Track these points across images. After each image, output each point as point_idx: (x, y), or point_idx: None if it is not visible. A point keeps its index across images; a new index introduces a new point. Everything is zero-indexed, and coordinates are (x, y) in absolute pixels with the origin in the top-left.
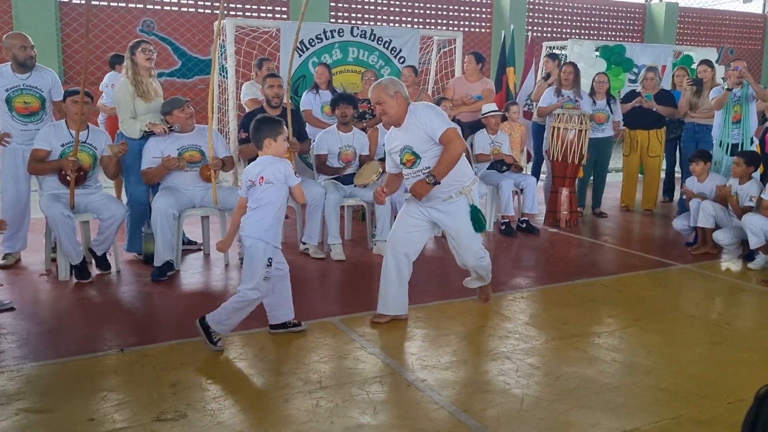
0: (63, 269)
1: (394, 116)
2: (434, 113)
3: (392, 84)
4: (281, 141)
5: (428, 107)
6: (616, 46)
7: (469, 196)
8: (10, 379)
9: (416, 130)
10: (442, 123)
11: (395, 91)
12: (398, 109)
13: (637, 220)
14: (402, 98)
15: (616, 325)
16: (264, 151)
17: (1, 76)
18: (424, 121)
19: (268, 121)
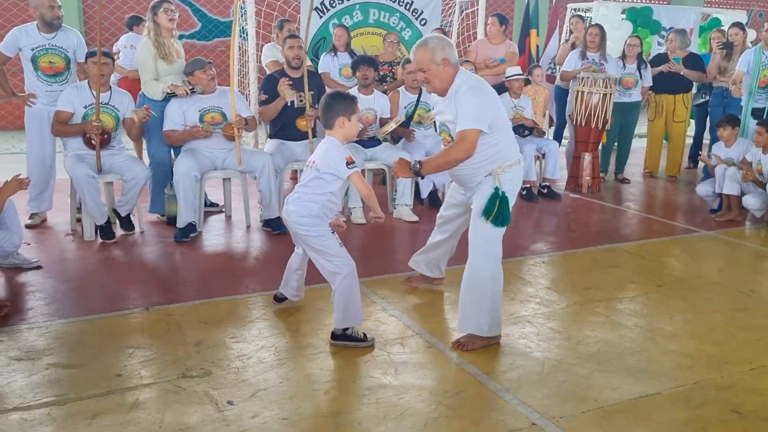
0: (88, 229)
1: (439, 87)
2: (472, 102)
3: (440, 47)
4: (355, 121)
5: (472, 92)
6: (643, 8)
7: (497, 179)
8: (40, 335)
9: (453, 107)
10: (470, 119)
11: (443, 58)
12: (444, 78)
13: (660, 186)
14: (450, 66)
15: (638, 290)
16: (333, 132)
17: (27, 35)
18: (459, 104)
19: (342, 97)
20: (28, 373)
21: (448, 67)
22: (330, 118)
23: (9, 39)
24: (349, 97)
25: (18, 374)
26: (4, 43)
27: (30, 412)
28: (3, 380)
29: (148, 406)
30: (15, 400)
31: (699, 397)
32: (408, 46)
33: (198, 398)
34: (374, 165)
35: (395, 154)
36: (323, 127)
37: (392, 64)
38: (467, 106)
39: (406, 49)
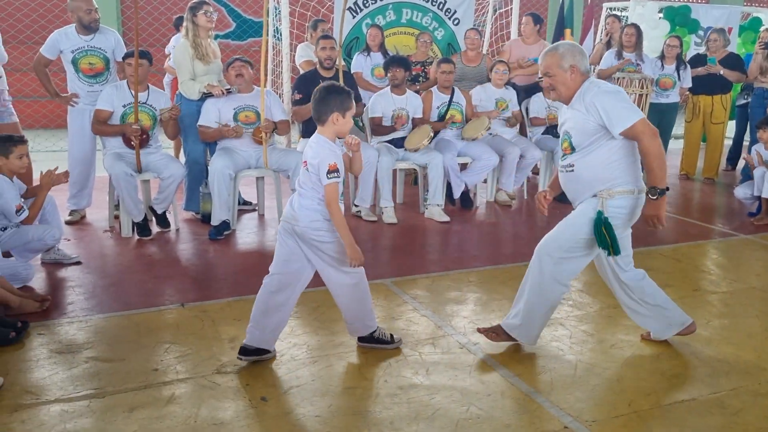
0: (125, 226)
1: (564, 94)
2: (616, 99)
3: (570, 54)
4: (349, 117)
5: (609, 93)
6: (681, 7)
7: (603, 203)
8: (80, 329)
9: (581, 115)
10: (629, 113)
11: (572, 64)
12: (570, 86)
13: (697, 188)
14: (579, 73)
15: (673, 294)
16: (325, 129)
17: (66, 38)
18: (599, 105)
19: (337, 90)
20: (69, 366)
21: (576, 75)
22: (323, 113)
23: (50, 42)
24: (345, 91)
25: (59, 367)
26: (46, 46)
27: (70, 404)
28: (45, 372)
29: (183, 400)
30: (57, 392)
31: (736, 404)
32: (441, 45)
33: (232, 394)
34: (406, 165)
35: (427, 154)
36: (314, 121)
37: (425, 64)
38: (614, 105)
39: (438, 48)
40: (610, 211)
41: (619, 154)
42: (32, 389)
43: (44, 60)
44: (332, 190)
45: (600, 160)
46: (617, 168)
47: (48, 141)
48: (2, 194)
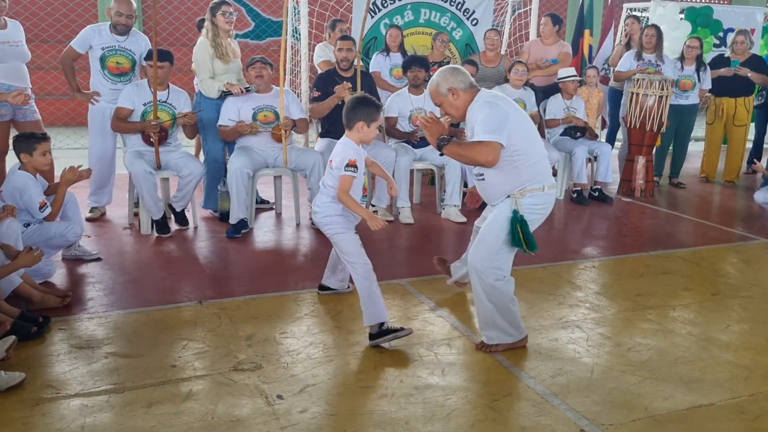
0: (145, 223)
1: (458, 115)
2: (489, 115)
3: (444, 80)
4: (374, 127)
5: (487, 106)
6: (702, 8)
7: (516, 202)
8: (99, 324)
9: (470, 127)
10: (489, 131)
11: (448, 87)
12: (459, 106)
13: (717, 191)
14: (461, 92)
15: (692, 298)
16: (351, 134)
17: (99, 34)
18: (475, 119)
19: (367, 102)
20: (89, 361)
21: (458, 94)
22: (351, 120)
23: (82, 36)
24: (374, 104)
25: (79, 362)
26: (77, 39)
27: (90, 398)
28: (66, 367)
29: (201, 397)
30: (77, 386)
31: (755, 410)
32: (459, 45)
33: (249, 391)
34: (423, 165)
35: None
36: (344, 126)
37: (441, 64)
38: (482, 120)
39: (456, 48)
40: (525, 208)
41: (520, 158)
42: (53, 383)
43: (73, 53)
44: (345, 181)
45: (504, 167)
46: (523, 171)
47: (69, 138)
48: (26, 190)
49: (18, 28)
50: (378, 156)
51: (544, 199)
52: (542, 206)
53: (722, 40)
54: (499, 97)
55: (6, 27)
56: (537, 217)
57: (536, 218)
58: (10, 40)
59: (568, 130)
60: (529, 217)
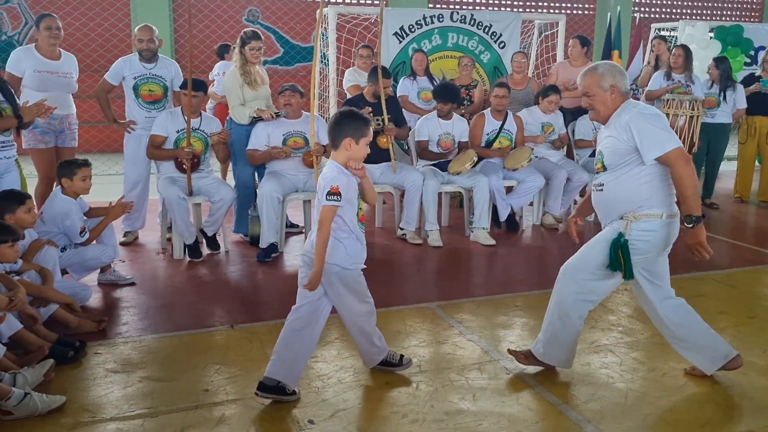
0: (177, 248)
1: (603, 114)
2: (655, 124)
3: (610, 74)
4: (363, 144)
5: (647, 116)
6: (732, 27)
7: (627, 225)
8: (134, 348)
9: (615, 135)
10: (666, 139)
11: (612, 84)
12: (609, 106)
13: (752, 212)
14: (619, 94)
15: (727, 322)
16: (337, 154)
17: (130, 65)
18: (634, 127)
19: (353, 116)
20: (124, 385)
21: (616, 95)
22: (337, 137)
23: (114, 69)
24: (361, 117)
25: (114, 386)
26: (110, 72)
27: (125, 422)
28: (101, 391)
29: (233, 421)
30: (112, 410)
31: None
32: (487, 69)
33: (280, 416)
34: (452, 188)
35: (472, 177)
36: (330, 146)
37: (469, 88)
38: (650, 130)
39: (484, 71)
40: (634, 234)
41: (649, 177)
42: (89, 407)
43: (107, 86)
44: (327, 211)
45: (629, 182)
46: (646, 190)
47: (104, 165)
48: (69, 215)
49: (71, 61)
50: (406, 179)
51: (660, 228)
52: (655, 234)
53: (753, 59)
54: (656, 110)
55: (59, 58)
56: (645, 246)
57: (645, 247)
58: (60, 71)
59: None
60: (636, 244)
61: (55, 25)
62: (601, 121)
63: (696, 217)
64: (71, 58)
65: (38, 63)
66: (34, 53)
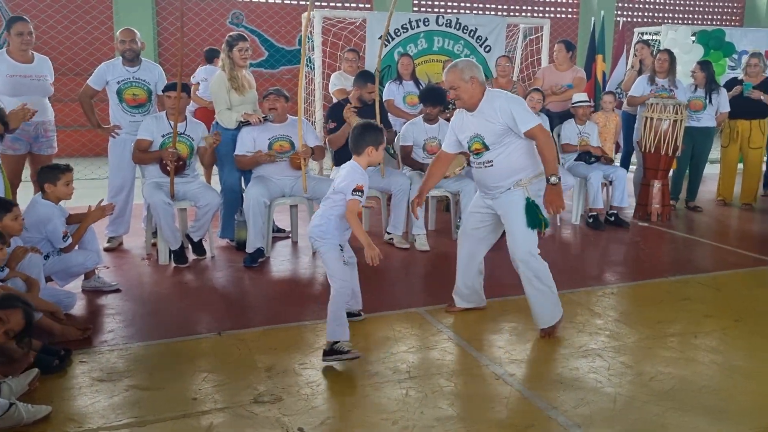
0: (163, 254)
1: (468, 102)
2: (520, 105)
3: (468, 68)
4: (381, 150)
5: (512, 99)
6: (714, 31)
7: (526, 189)
8: (120, 357)
9: (491, 120)
10: (530, 117)
11: (471, 76)
12: (473, 94)
13: (734, 215)
14: (478, 83)
15: (713, 325)
16: (360, 159)
17: (113, 69)
18: (504, 111)
19: (373, 128)
20: (110, 394)
21: (476, 84)
22: (359, 146)
23: (97, 73)
24: (378, 128)
25: (100, 395)
26: (93, 77)
27: None
28: (87, 400)
29: (222, 430)
30: (99, 420)
31: None
32: None
33: (269, 424)
34: (438, 192)
35: (459, 181)
36: (351, 153)
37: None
38: (517, 110)
39: None
40: (533, 194)
41: (524, 148)
42: (75, 417)
43: (90, 91)
44: (353, 204)
45: (514, 153)
46: (526, 158)
47: (86, 169)
48: (51, 219)
49: (45, 63)
50: (393, 183)
51: (542, 185)
52: (542, 191)
53: (737, 63)
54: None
55: (33, 61)
56: (539, 201)
57: (540, 201)
58: (34, 74)
59: (582, 155)
60: (539, 201)
61: (26, 30)
62: (468, 108)
63: (558, 177)
64: (45, 61)
65: (10, 67)
66: (5, 57)
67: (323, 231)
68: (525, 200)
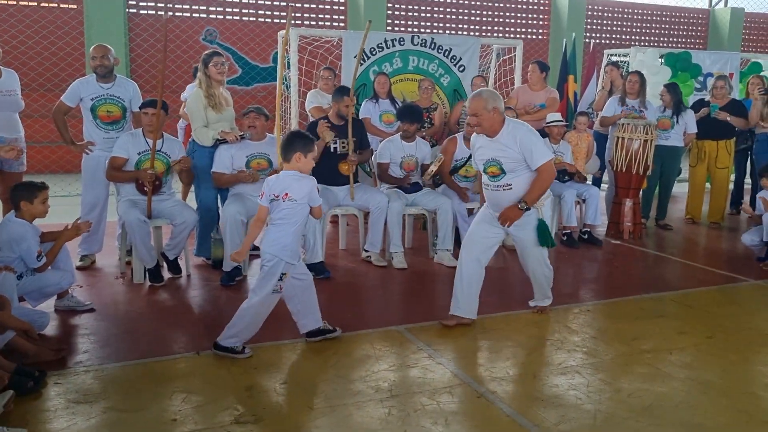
0: (138, 272)
1: (488, 129)
2: (539, 140)
3: (492, 98)
4: (310, 158)
5: (534, 133)
6: (681, 53)
7: (539, 210)
8: (96, 378)
9: (510, 148)
10: (545, 152)
11: (494, 106)
12: (493, 123)
13: (703, 233)
14: (499, 113)
15: (687, 342)
16: (290, 165)
17: (87, 85)
18: (524, 145)
19: (302, 135)
20: (87, 416)
21: (497, 114)
22: (287, 153)
23: (71, 90)
24: (308, 137)
25: (77, 417)
26: (67, 94)
27: None
28: (64, 423)
29: None
30: None
31: None
32: (447, 92)
33: None
34: (415, 210)
35: (436, 199)
36: (282, 160)
37: (429, 110)
38: (536, 144)
39: (444, 94)
40: (544, 214)
41: (534, 174)
42: None
43: (64, 107)
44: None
45: (529, 179)
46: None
47: (57, 186)
48: (25, 238)
49: (13, 77)
50: (370, 201)
51: (550, 203)
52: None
53: (703, 84)
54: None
55: (1, 76)
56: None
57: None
58: (3, 90)
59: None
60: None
61: None
62: (488, 134)
63: (528, 207)
64: (12, 75)
65: None
66: None
67: (281, 250)
68: (537, 220)
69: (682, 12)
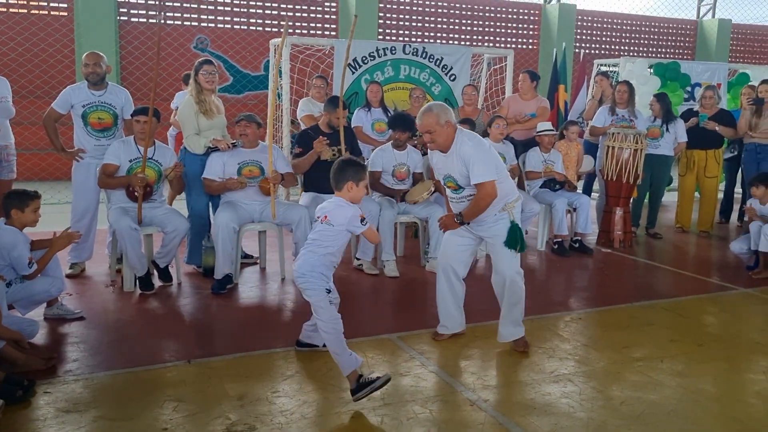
0: (128, 280)
1: (443, 145)
2: (482, 158)
3: (443, 112)
4: (362, 186)
5: (478, 149)
6: (670, 63)
7: (510, 213)
8: (86, 386)
9: (458, 163)
10: (485, 172)
11: (446, 120)
12: (447, 137)
13: (692, 241)
14: (452, 126)
15: (678, 350)
16: (341, 194)
17: (78, 92)
18: (466, 161)
19: (354, 164)
20: (77, 425)
21: (450, 128)
22: (340, 181)
23: (62, 97)
24: (360, 164)
25: (67, 426)
26: (58, 101)
27: None
28: None
29: None
30: None
31: None
32: (438, 100)
33: None
34: (407, 218)
35: (428, 207)
36: (333, 189)
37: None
38: (477, 162)
39: None
40: (516, 215)
41: (501, 178)
42: None
43: (55, 114)
44: (371, 232)
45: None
46: (506, 185)
47: (46, 194)
48: (17, 246)
49: (3, 84)
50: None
51: (520, 205)
52: (520, 213)
53: (691, 94)
54: (476, 136)
55: None
56: (521, 222)
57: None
58: None
59: (547, 182)
60: (521, 221)
61: None
62: (442, 150)
63: (462, 221)
64: (3, 82)
65: None
66: None
67: (310, 271)
68: (510, 223)
69: (670, 23)
